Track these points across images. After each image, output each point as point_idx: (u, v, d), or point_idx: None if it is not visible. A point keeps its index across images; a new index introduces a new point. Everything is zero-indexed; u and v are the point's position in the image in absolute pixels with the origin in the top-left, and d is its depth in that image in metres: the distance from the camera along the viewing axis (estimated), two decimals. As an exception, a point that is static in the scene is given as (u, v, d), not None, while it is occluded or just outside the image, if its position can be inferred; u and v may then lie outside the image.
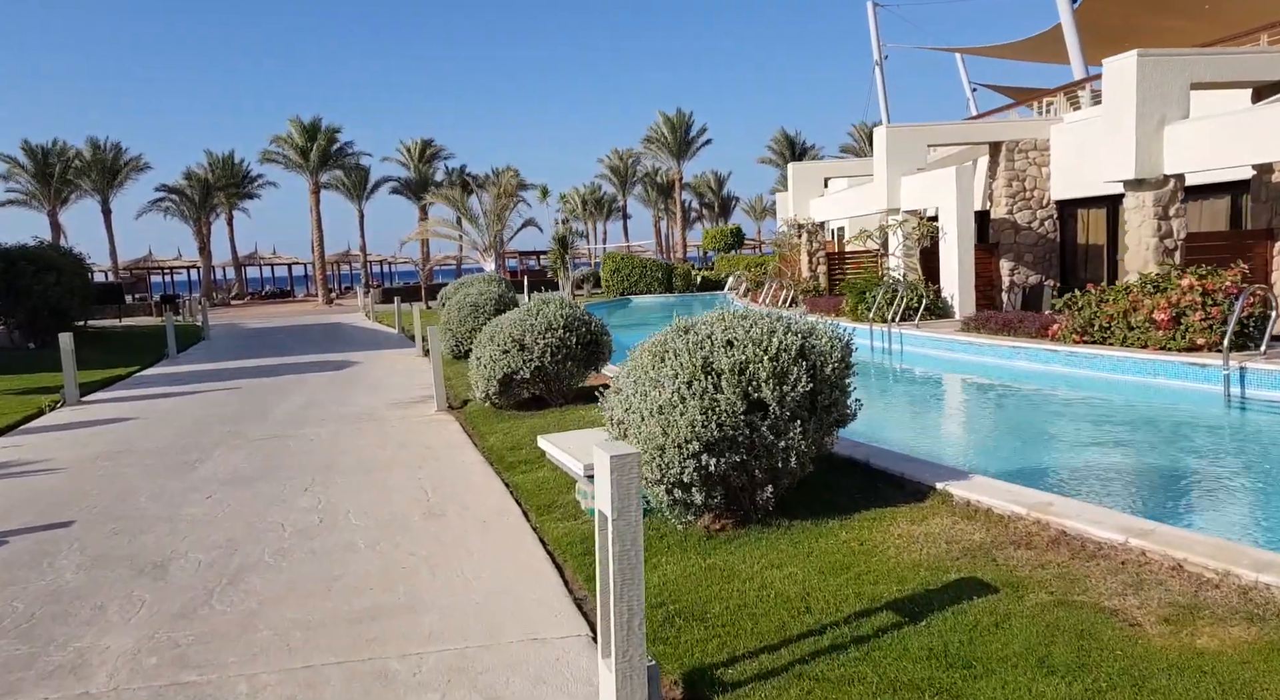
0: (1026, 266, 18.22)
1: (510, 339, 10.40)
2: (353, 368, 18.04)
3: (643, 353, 6.15)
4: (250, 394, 14.83)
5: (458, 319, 16.88)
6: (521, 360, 10.34)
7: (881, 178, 18.23)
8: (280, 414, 12.58)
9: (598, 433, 8.39)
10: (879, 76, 33.73)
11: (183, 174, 56.37)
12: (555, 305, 10.77)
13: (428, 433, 10.48)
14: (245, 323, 35.57)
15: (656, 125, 68.90)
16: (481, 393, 10.65)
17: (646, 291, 37.91)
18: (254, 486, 8.28)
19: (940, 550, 5.07)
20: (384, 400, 13.42)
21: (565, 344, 10.47)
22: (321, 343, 24.39)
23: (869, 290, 17.26)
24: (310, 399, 13.95)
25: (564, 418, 10.14)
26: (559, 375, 10.55)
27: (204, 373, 18.33)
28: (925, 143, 18.13)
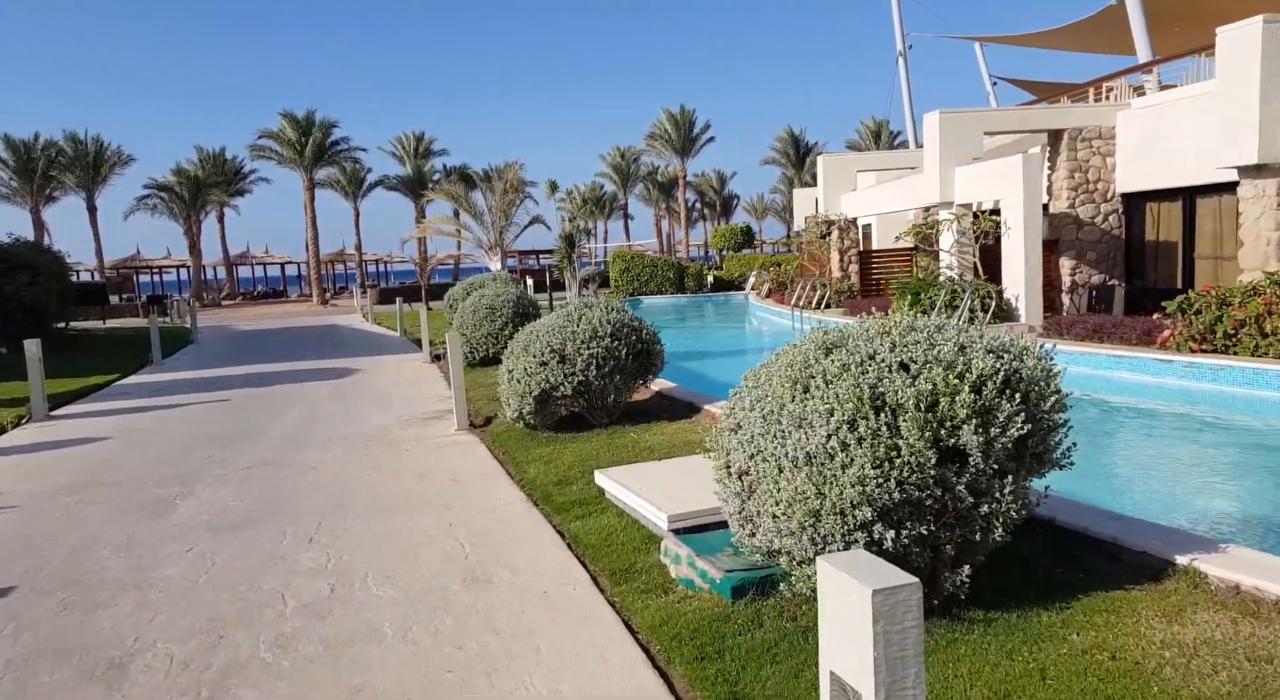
0: (1089, 265, 16.72)
1: (549, 349, 8.83)
2: (355, 376, 16.44)
3: (771, 376, 4.58)
4: (242, 408, 13.23)
5: (472, 323, 15.31)
6: (562, 374, 8.77)
7: (934, 168, 16.70)
8: (276, 433, 10.99)
9: (670, 466, 6.83)
10: (902, 67, 32.21)
11: (172, 170, 54.63)
12: (600, 310, 9.20)
13: (451, 459, 8.89)
14: (236, 325, 33.91)
15: (660, 122, 67.40)
16: (514, 411, 9.08)
17: (657, 292, 36.34)
18: (245, 535, 6.69)
19: (1246, 674, 3.50)
20: (394, 416, 11.84)
21: (613, 354, 8.91)
22: (319, 347, 22.77)
23: (924, 291, 15.73)
24: (310, 414, 12.35)
25: (613, 442, 8.57)
26: (605, 391, 8.98)
27: (191, 382, 16.70)
28: (982, 130, 16.62)
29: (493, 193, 30.10)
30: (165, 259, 61.63)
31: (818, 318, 20.25)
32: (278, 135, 48.08)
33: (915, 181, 18.28)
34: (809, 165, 75.34)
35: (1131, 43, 28.16)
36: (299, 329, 30.14)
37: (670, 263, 37.73)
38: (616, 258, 37.39)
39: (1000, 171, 15.33)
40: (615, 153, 78.27)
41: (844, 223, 22.58)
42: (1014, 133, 17.85)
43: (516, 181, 30.49)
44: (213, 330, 31.27)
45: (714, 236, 49.63)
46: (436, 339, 20.65)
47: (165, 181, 53.98)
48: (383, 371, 16.91)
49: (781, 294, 25.36)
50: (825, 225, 23.05)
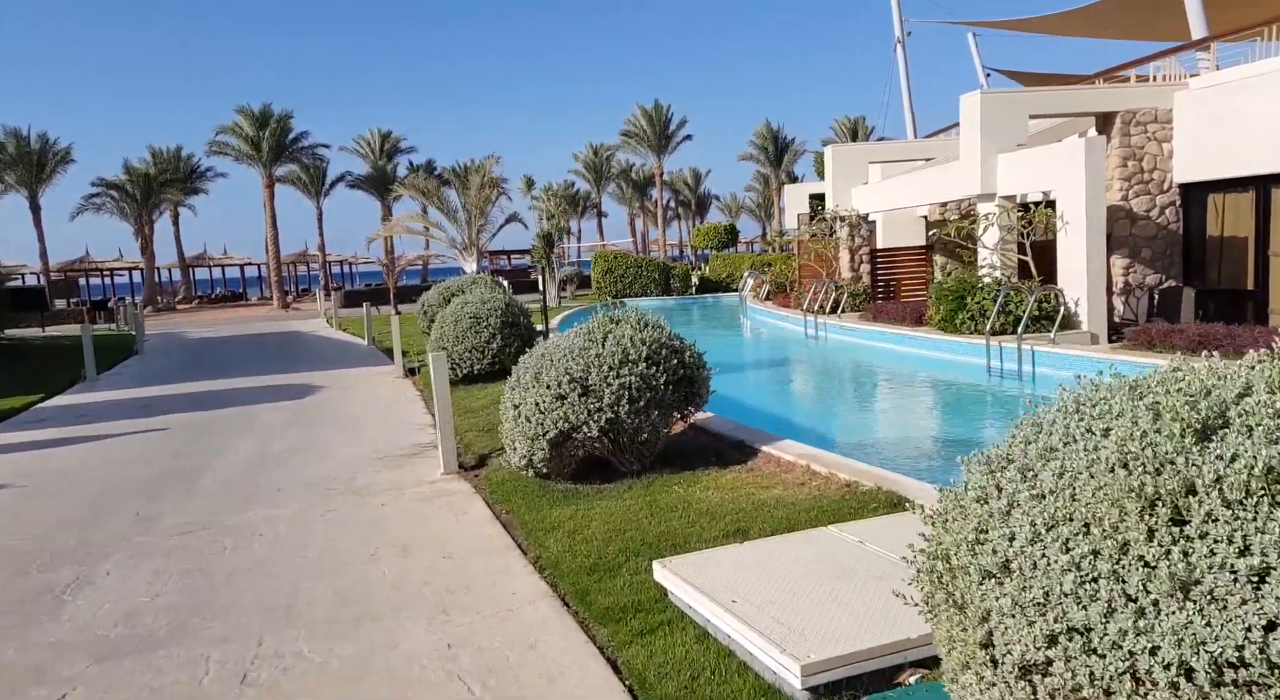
0: (1144, 264, 14.97)
1: (567, 378, 6.81)
2: (318, 395, 14.29)
3: (1072, 478, 2.56)
4: (181, 439, 11.07)
5: (454, 334, 13.23)
6: (586, 410, 6.76)
7: (972, 156, 14.85)
8: (217, 478, 8.87)
9: (762, 552, 4.84)
10: (900, 55, 30.50)
11: (123, 168, 51.65)
12: (630, 326, 7.20)
13: (442, 521, 6.85)
14: (189, 332, 31.44)
15: (634, 118, 65.32)
16: (522, 456, 7.05)
17: (642, 294, 34.31)
18: (152, 662, 4.62)
19: None
20: (365, 450, 9.76)
21: (650, 384, 6.91)
22: (277, 358, 20.51)
23: (969, 295, 13.86)
24: (262, 448, 10.23)
25: (654, 500, 6.56)
26: (639, 430, 6.97)
27: (126, 404, 14.45)
28: (1027, 112, 14.81)
29: (467, 189, 27.92)
30: (116, 261, 58.54)
31: (835, 323, 18.38)
32: (234, 130, 45.44)
33: (947, 171, 16.43)
34: (787, 162, 73.75)
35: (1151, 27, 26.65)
36: (257, 336, 27.78)
37: (655, 263, 35.75)
38: (598, 258, 35.36)
39: (1055, 158, 13.52)
40: (588, 150, 76.26)
41: (855, 219, 20.72)
42: (1057, 117, 16.06)
43: (493, 177, 28.34)
44: (162, 338, 28.82)
45: (695, 235, 47.66)
46: (411, 349, 18.53)
47: (115, 180, 51.04)
48: (350, 389, 14.78)
49: (784, 296, 23.48)
50: (835, 221, 21.15)
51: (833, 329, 18.32)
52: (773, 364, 16.55)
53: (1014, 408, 11.89)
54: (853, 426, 11.39)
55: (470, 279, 19.33)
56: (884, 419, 12.06)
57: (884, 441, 10.29)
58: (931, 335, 14.55)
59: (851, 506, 5.70)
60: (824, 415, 12.29)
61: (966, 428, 11.04)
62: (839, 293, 19.45)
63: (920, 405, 12.76)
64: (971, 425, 11.17)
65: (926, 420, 11.64)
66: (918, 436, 10.55)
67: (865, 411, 12.70)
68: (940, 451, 9.52)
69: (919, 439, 10.41)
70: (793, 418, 11.59)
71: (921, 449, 9.65)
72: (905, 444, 9.90)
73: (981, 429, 10.91)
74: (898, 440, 10.32)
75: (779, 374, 15.52)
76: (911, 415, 12.06)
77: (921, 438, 10.46)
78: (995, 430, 10.65)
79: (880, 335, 16.26)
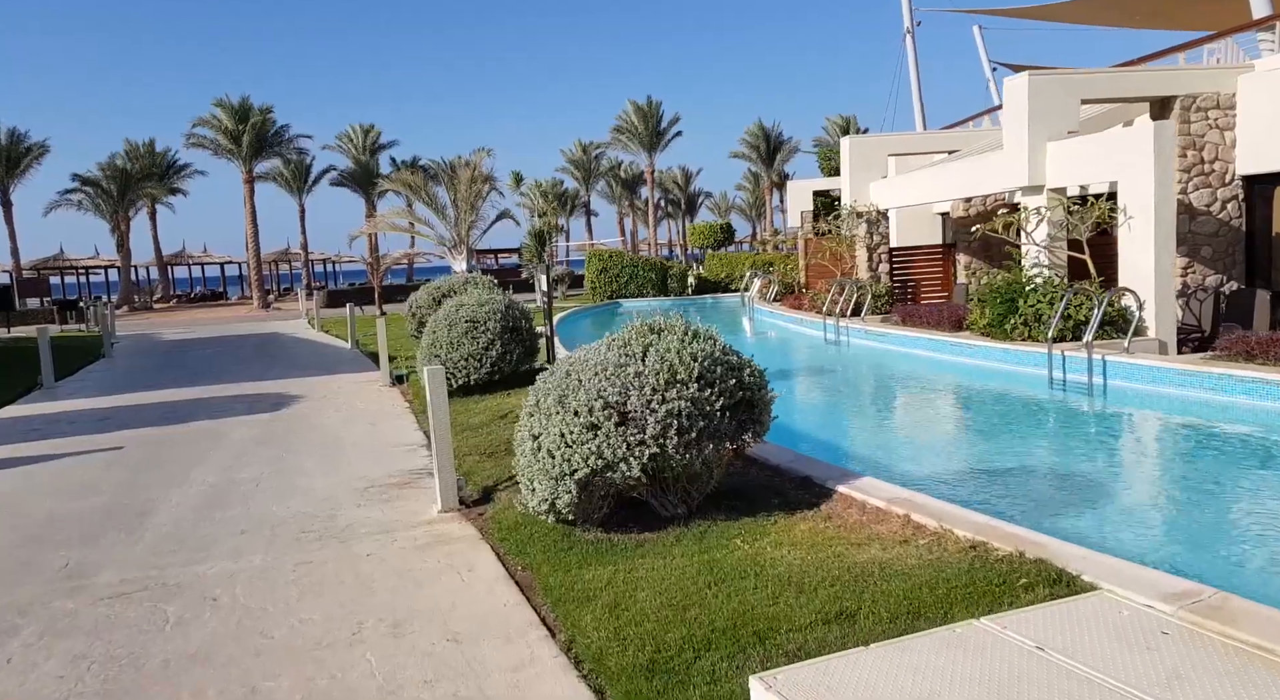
0: (1203, 264, 13.70)
1: (600, 402, 5.42)
2: (295, 407, 12.85)
3: None
4: (136, 463, 9.62)
5: (448, 340, 11.82)
6: (625, 444, 5.37)
7: (1019, 145, 13.51)
8: (171, 515, 7.44)
9: (909, 657, 3.47)
10: (910, 45, 29.23)
11: (98, 163, 49.84)
12: (677, 338, 5.81)
13: (443, 585, 5.45)
14: (162, 333, 29.80)
15: (626, 114, 63.89)
16: (543, 499, 5.65)
17: (638, 294, 32.89)
18: None
19: None
20: (347, 479, 8.35)
21: (703, 410, 5.52)
22: (253, 363, 19.01)
23: (1020, 298, 12.50)
24: (226, 475, 8.80)
25: (713, 559, 5.18)
26: (689, 466, 5.58)
27: (82, 417, 12.97)
28: (1079, 97, 13.50)
29: (457, 184, 26.44)
30: (92, 259, 56.74)
31: (859, 327, 17.01)
32: (212, 123, 43.74)
33: (985, 162, 15.08)
34: (779, 161, 72.44)
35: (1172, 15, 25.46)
36: (234, 338, 26.21)
37: (652, 262, 34.33)
38: (593, 257, 33.93)
39: (1118, 145, 12.22)
40: (576, 147, 74.71)
41: (874, 215, 19.38)
42: (1109, 102, 14.76)
43: (484, 171, 26.88)
44: (134, 340, 27.25)
45: (691, 234, 46.28)
46: (398, 354, 17.10)
47: (91, 176, 49.22)
48: (331, 400, 13.33)
49: (794, 298, 22.15)
50: (851, 217, 19.80)
51: (857, 333, 16.95)
52: (798, 375, 14.96)
53: (1098, 428, 10.46)
54: (920, 455, 9.55)
55: (463, 278, 17.91)
56: (953, 444, 10.21)
57: (964, 474, 8.52)
58: (977, 342, 13.14)
59: (991, 582, 4.32)
60: (878, 439, 10.62)
61: (1055, 454, 9.29)
62: (861, 294, 18.09)
63: (989, 426, 10.86)
64: (1060, 450, 9.46)
65: (1005, 446, 9.79)
66: (1005, 468, 8.73)
67: (926, 434, 10.86)
68: (1045, 489, 7.82)
69: (1009, 472, 8.57)
70: (842, 442, 9.95)
71: (1020, 487, 7.86)
72: (995, 480, 8.16)
73: (1073, 455, 9.24)
74: (982, 473, 8.49)
75: (809, 387, 13.83)
76: (984, 439, 10.25)
77: (1011, 470, 8.66)
78: (1088, 458, 9.17)
79: (915, 341, 14.78)
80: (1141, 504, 7.51)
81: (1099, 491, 7.84)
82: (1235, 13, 19.98)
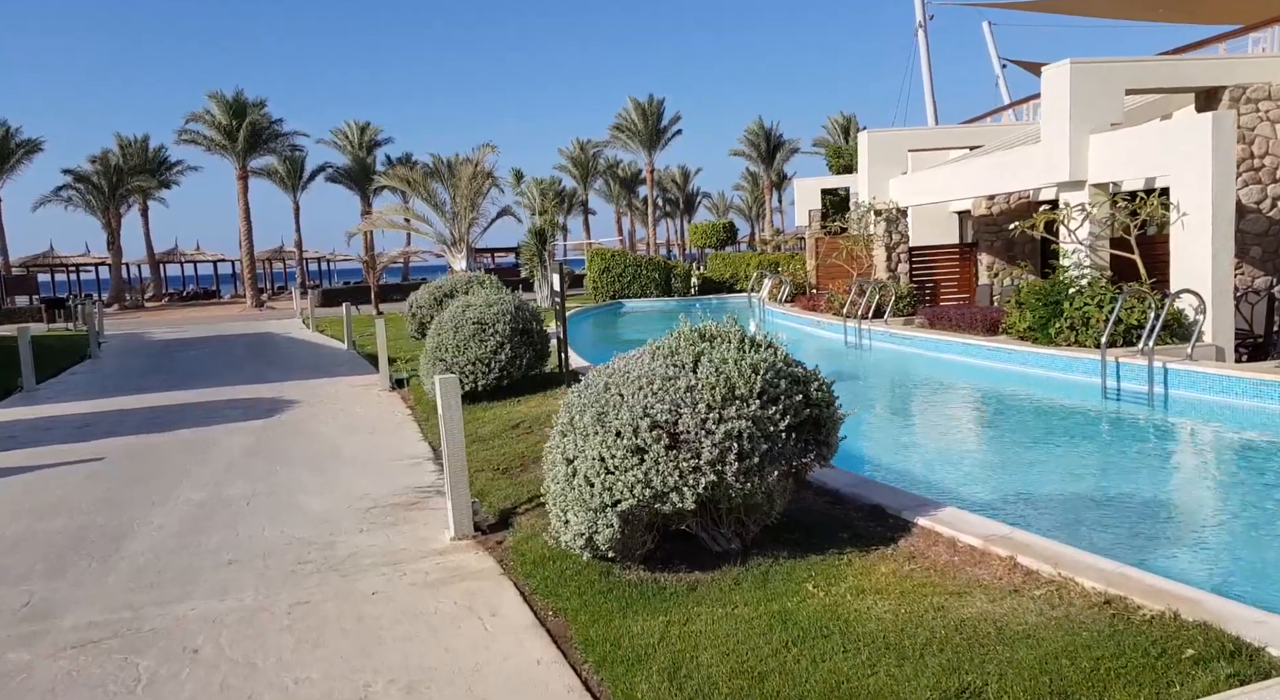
0: (1252, 264, 12.97)
1: (647, 421, 4.64)
2: (289, 413, 12.05)
3: None
4: (116, 477, 8.82)
5: (454, 343, 11.03)
6: (677, 469, 4.59)
7: (1059, 137, 12.75)
8: (150, 542, 6.64)
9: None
10: (922, 40, 28.50)
11: (89, 158, 48.85)
12: (733, 345, 5.04)
13: (463, 634, 4.67)
14: (152, 332, 28.92)
15: (626, 111, 63.15)
16: (578, 532, 4.87)
17: (641, 294, 32.09)
18: None
19: None
20: (348, 498, 7.56)
21: (766, 430, 4.75)
22: (246, 365, 18.18)
23: (1065, 301, 11.72)
24: (214, 492, 8.00)
25: (782, 604, 4.40)
26: (751, 496, 4.81)
27: (62, 423, 12.15)
28: (1124, 87, 12.75)
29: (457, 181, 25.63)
30: (83, 256, 55.71)
31: (882, 330, 16.23)
32: (206, 117, 42.80)
33: (1020, 156, 14.30)
34: (779, 161, 71.70)
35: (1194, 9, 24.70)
36: (226, 338, 25.36)
37: (655, 262, 33.53)
38: (595, 256, 33.13)
39: (1171, 137, 11.47)
40: (574, 145, 73.89)
41: (893, 213, 18.61)
42: (1154, 92, 14.00)
43: (485, 167, 26.08)
44: (124, 340, 26.36)
45: (693, 233, 45.49)
46: (399, 356, 16.32)
47: (82, 171, 48.26)
48: (328, 405, 12.54)
49: (807, 299, 21.38)
50: (869, 215, 19.03)
51: (880, 336, 16.16)
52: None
53: (1172, 445, 9.57)
54: (980, 475, 8.55)
55: (465, 277, 17.11)
56: (1014, 462, 9.07)
57: (1039, 499, 7.38)
58: (1018, 346, 12.33)
59: (1147, 653, 3.51)
60: (927, 456, 9.51)
61: (1137, 476, 8.22)
62: (884, 294, 17.31)
63: (1050, 441, 9.77)
64: (1140, 470, 8.44)
65: (1074, 465, 8.74)
66: (1084, 492, 7.64)
67: (981, 449, 9.91)
68: (1141, 519, 6.79)
69: (1090, 497, 7.47)
70: (887, 458, 8.89)
71: (1112, 516, 6.81)
72: (1077, 506, 7.13)
73: (1158, 477, 8.28)
74: (1060, 498, 7.46)
75: (843, 396, 12.72)
76: (1049, 456, 9.13)
77: (1093, 495, 7.56)
78: (1176, 480, 8.25)
79: (947, 345, 13.95)
80: (1268, 537, 6.48)
81: (1206, 523, 6.86)
82: (1263, 4, 19.27)
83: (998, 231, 18.40)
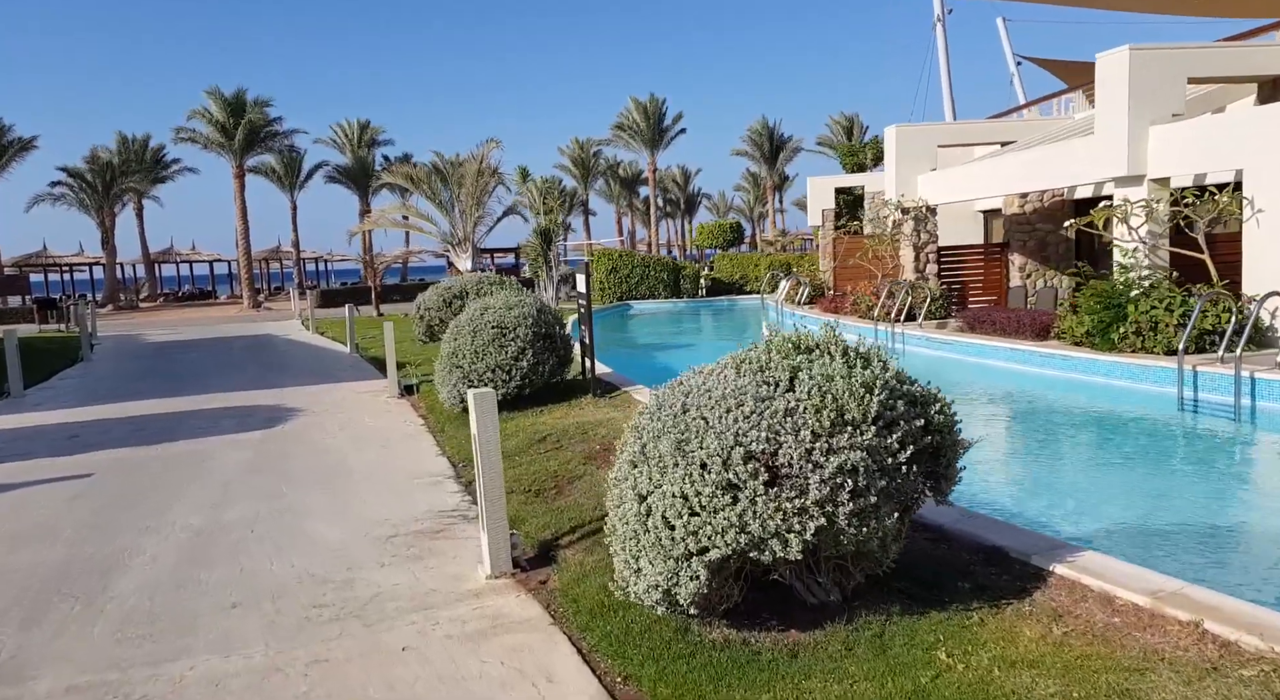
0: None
1: (740, 451, 3.84)
2: (292, 423, 11.24)
3: None
4: (105, 497, 8.00)
5: (471, 349, 10.23)
6: (779, 511, 3.79)
7: (1116, 129, 11.97)
8: (141, 578, 5.83)
9: None
10: (940, 34, 27.73)
11: (84, 157, 47.91)
12: (838, 360, 4.25)
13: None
14: (147, 334, 28.06)
15: (627, 111, 62.37)
16: (655, 585, 4.08)
17: (649, 296, 31.30)
18: None
19: None
20: (364, 525, 6.75)
21: (883, 463, 3.95)
22: (245, 368, 17.36)
23: (1130, 304, 10.91)
24: (212, 517, 7.18)
25: (915, 679, 3.61)
26: (866, 541, 4.01)
27: (50, 434, 11.33)
28: (1186, 75, 11.99)
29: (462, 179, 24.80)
30: (76, 255, 54.75)
31: (917, 334, 15.44)
32: (203, 115, 41.87)
33: (1070, 150, 13.49)
34: (782, 161, 70.90)
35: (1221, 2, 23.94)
36: (224, 340, 24.51)
37: (664, 263, 32.71)
38: (601, 257, 32.33)
39: (1245, 128, 10.70)
40: (574, 145, 73.07)
41: (922, 212, 17.83)
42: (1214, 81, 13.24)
43: (490, 164, 25.26)
44: (118, 341, 25.51)
45: (699, 233, 44.69)
46: (408, 361, 15.54)
47: (75, 169, 47.32)
48: (333, 414, 11.73)
49: (828, 301, 20.58)
50: (897, 213, 18.23)
51: (915, 341, 15.37)
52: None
53: (1264, 460, 8.72)
54: (1070, 500, 7.54)
55: (476, 278, 16.31)
56: (1107, 485, 7.99)
57: (1165, 534, 6.45)
58: (1075, 353, 11.51)
59: None
60: (1002, 476, 8.42)
61: (1261, 504, 7.27)
62: (918, 295, 16.50)
63: (1138, 460, 8.77)
64: (1264, 497, 7.48)
65: (1180, 488, 7.78)
66: (1216, 527, 6.65)
67: (1062, 468, 8.79)
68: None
69: (1212, 530, 6.55)
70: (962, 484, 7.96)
71: (1256, 558, 5.95)
72: (1220, 544, 6.23)
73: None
74: (1193, 535, 6.43)
75: None
76: (1145, 479, 8.12)
77: (1230, 531, 6.60)
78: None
79: (993, 351, 13.09)
80: None
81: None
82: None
83: (1030, 231, 17.64)
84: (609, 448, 8.27)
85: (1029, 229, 17.58)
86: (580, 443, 8.61)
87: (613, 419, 9.37)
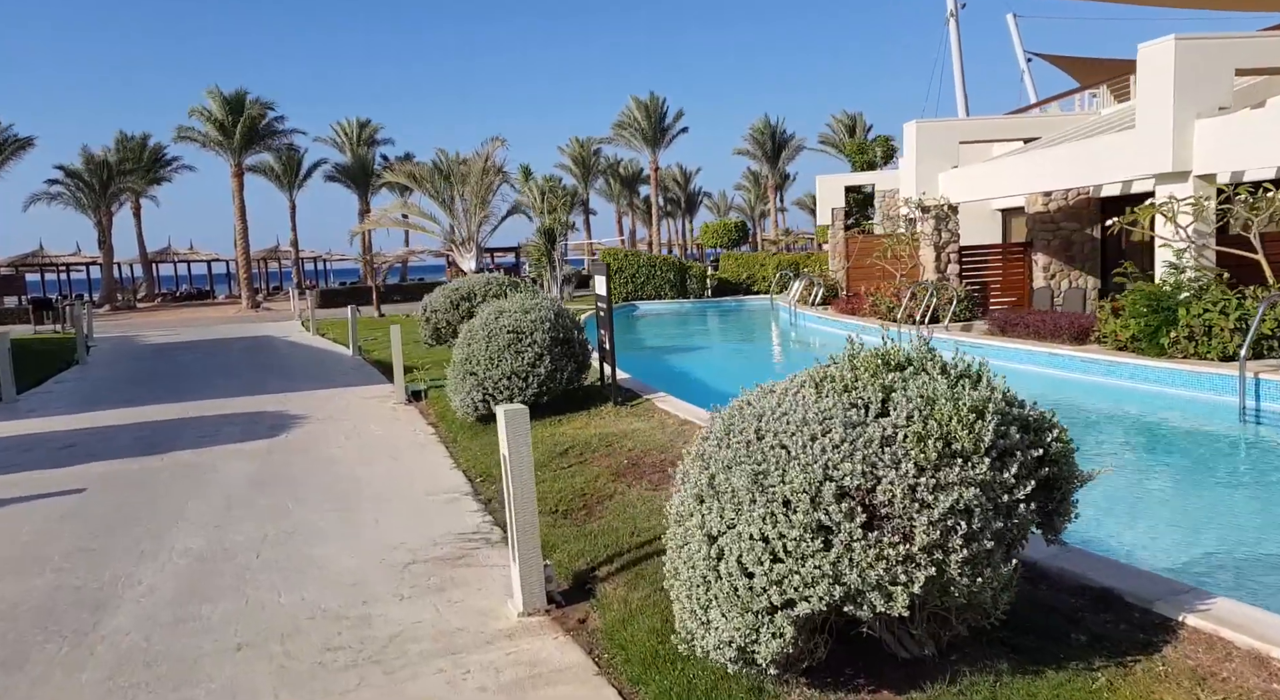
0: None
1: (832, 487, 3.29)
2: (297, 431, 10.69)
3: None
4: (98, 515, 7.45)
5: (486, 355, 9.67)
6: (881, 559, 3.24)
7: (1161, 123, 11.42)
8: (135, 614, 5.28)
9: None
10: (953, 29, 27.21)
11: (80, 155, 47.27)
12: (939, 378, 3.71)
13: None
14: (145, 335, 27.47)
15: (628, 110, 61.81)
16: (728, 641, 3.52)
17: (655, 296, 30.75)
18: None
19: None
20: (379, 549, 6.19)
21: (995, 496, 3.40)
22: (245, 372, 16.79)
23: (1180, 307, 10.36)
24: (214, 540, 6.63)
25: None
26: (980, 592, 3.45)
27: (41, 443, 10.77)
28: (1233, 66, 11.44)
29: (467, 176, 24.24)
30: (74, 255, 54.13)
31: (943, 337, 14.86)
32: (202, 113, 41.24)
33: (1109, 145, 12.91)
34: (784, 160, 70.32)
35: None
36: (222, 342, 23.94)
37: (671, 262, 32.16)
38: (606, 256, 31.78)
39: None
40: (574, 144, 72.55)
41: (944, 210, 17.28)
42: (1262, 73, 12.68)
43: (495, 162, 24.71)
44: (115, 343, 24.92)
45: (703, 232, 44.14)
46: (415, 366, 15.00)
47: (73, 168, 46.67)
48: (339, 422, 11.18)
49: (843, 302, 20.03)
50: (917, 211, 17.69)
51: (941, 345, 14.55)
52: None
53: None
54: (1172, 532, 6.80)
55: (484, 279, 15.76)
56: (1197, 510, 7.29)
57: (1272, 569, 5.84)
58: (1120, 358, 10.92)
59: None
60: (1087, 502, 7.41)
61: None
62: (944, 295, 15.94)
63: (1212, 476, 8.12)
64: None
65: (1264, 509, 7.12)
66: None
67: (1136, 488, 7.97)
68: None
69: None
70: None
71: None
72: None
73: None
74: None
75: None
76: (1229, 499, 7.40)
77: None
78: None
79: (1029, 355, 12.47)
80: None
81: None
82: None
83: (1055, 230, 17.10)
84: (637, 462, 7.73)
85: (1053, 228, 17.04)
86: (606, 457, 8.07)
87: (637, 430, 8.82)
